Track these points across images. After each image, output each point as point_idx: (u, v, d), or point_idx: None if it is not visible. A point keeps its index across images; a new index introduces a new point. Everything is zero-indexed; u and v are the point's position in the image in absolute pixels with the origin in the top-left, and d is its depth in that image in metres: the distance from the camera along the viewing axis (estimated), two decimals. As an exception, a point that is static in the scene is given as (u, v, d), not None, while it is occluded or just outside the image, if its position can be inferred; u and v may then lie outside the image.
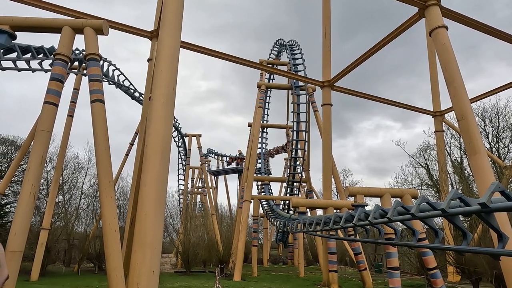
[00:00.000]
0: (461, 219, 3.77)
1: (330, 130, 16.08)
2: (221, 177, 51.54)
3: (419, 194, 12.78)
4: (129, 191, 32.50)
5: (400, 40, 12.43)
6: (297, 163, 24.83)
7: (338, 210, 12.84)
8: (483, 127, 25.05)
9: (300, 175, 24.63)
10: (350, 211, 8.04)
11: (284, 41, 28.66)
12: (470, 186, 18.19)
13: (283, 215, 19.07)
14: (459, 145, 24.06)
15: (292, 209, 21.59)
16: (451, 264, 14.99)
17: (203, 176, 40.13)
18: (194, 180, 42.68)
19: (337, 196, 29.11)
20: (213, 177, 49.36)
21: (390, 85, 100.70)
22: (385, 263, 15.18)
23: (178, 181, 40.17)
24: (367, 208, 7.44)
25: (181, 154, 40.06)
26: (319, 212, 19.09)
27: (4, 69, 9.98)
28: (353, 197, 11.24)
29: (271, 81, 30.71)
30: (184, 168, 39.31)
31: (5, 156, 34.09)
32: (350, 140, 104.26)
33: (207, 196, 38.31)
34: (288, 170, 26.33)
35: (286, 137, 32.68)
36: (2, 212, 26.87)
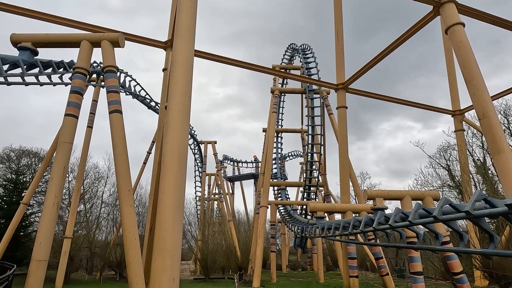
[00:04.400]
0: (486, 221, 3.64)
1: (346, 133, 15.88)
2: (237, 183, 51.68)
3: (441, 196, 12.42)
4: (147, 199, 33.04)
5: (419, 37, 12.22)
6: (313, 167, 24.60)
7: (357, 214, 12.61)
8: (506, 125, 24.16)
9: (316, 179, 24.38)
10: (370, 215, 7.88)
11: (296, 46, 28.66)
12: (495, 186, 17.52)
13: (301, 220, 18.89)
14: (481, 144, 23.27)
15: (309, 214, 21.37)
16: (478, 268, 14.43)
17: (219, 183, 40.33)
18: (211, 186, 42.96)
19: (355, 199, 28.61)
20: (229, 183, 49.58)
21: (411, 84, 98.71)
22: (408, 267, 14.78)
23: (195, 188, 40.50)
24: (387, 211, 7.28)
25: (197, 161, 40.43)
26: (337, 216, 18.82)
27: (27, 84, 10.39)
28: (372, 201, 11.04)
29: (284, 85, 30.71)
30: (200, 175, 39.62)
31: (29, 168, 35.33)
32: (369, 142, 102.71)
33: (224, 202, 38.46)
34: (304, 174, 26.11)
35: (302, 141, 32.50)
36: (27, 222, 27.74)
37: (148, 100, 25.76)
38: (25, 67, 9.75)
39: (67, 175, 24.23)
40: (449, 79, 19.99)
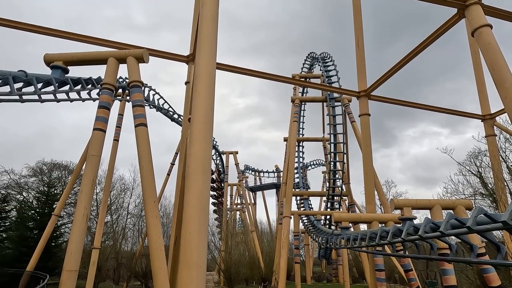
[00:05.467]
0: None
1: (369, 140, 15.55)
2: (259, 193, 51.56)
3: (474, 205, 11.83)
4: (171, 209, 33.53)
5: (444, 41, 11.85)
6: (337, 176, 24.19)
7: (383, 224, 12.21)
8: (541, 129, 22.83)
9: (340, 188, 23.92)
10: (397, 225, 7.62)
11: (316, 54, 28.63)
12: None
13: (325, 231, 18.52)
14: (515, 150, 22.08)
15: (334, 224, 20.92)
16: (517, 281, 13.55)
17: (241, 193, 40.40)
18: (233, 197, 43.10)
19: (380, 209, 27.76)
20: (251, 193, 49.53)
21: (436, 89, 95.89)
22: (440, 280, 14.05)
23: (217, 198, 40.75)
24: (415, 221, 7.02)
25: (219, 172, 40.77)
26: (363, 226, 18.29)
27: (59, 100, 10.92)
28: (398, 210, 10.67)
29: (305, 94, 30.63)
30: (223, 185, 39.86)
31: (60, 180, 36.89)
32: (394, 149, 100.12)
33: (246, 213, 38.41)
34: (327, 183, 25.68)
35: (324, 150, 32.11)
36: (58, 233, 28.77)
37: (171, 113, 26.39)
38: (57, 84, 10.27)
39: (95, 187, 25.07)
40: (477, 83, 19.23)
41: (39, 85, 9.68)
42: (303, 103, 28.73)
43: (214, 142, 38.52)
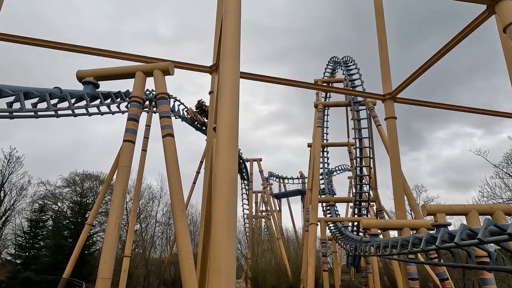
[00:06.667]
0: None
1: (397, 144, 15.11)
2: (284, 200, 51.18)
3: (513, 210, 11.15)
4: (198, 217, 33.97)
5: (474, 38, 11.35)
6: (363, 181, 23.63)
7: (415, 231, 11.75)
8: None
9: (367, 194, 23.33)
10: (431, 232, 7.34)
11: (338, 58, 28.35)
12: None
13: (353, 238, 18.07)
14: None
15: (362, 231, 20.38)
16: None
17: (266, 200, 40.29)
18: (258, 204, 43.05)
19: (411, 215, 26.77)
20: (276, 200, 49.27)
21: (468, 88, 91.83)
22: (479, 290, 13.33)
23: (243, 206, 40.89)
24: (450, 228, 6.72)
25: (244, 179, 40.93)
26: (392, 233, 17.70)
27: (91, 114, 11.46)
28: (430, 216, 10.24)
29: (328, 99, 30.32)
30: (247, 193, 39.97)
31: (91, 190, 38.42)
32: (423, 152, 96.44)
33: (272, 220, 38.20)
34: (354, 189, 25.11)
35: (349, 155, 31.53)
36: (90, 241, 29.86)
37: (196, 123, 26.94)
38: (88, 99, 10.80)
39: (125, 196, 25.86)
40: (511, 80, 18.29)
41: (73, 100, 10.21)
42: (327, 108, 28.42)
43: (238, 150, 38.83)
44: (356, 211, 23.74)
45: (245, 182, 40.76)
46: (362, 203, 23.38)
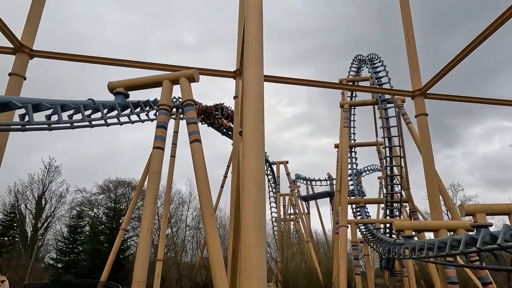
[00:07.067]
0: None
1: (429, 141, 14.51)
2: (312, 202, 50.53)
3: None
4: (227, 221, 34.30)
5: (509, 27, 10.66)
6: (394, 181, 22.86)
7: (453, 233, 11.19)
8: None
9: (399, 194, 22.54)
10: (470, 233, 6.97)
11: (362, 56, 27.75)
12: None
13: (386, 240, 17.51)
14: None
15: (394, 232, 19.69)
16: None
17: (294, 202, 39.96)
18: (285, 207, 42.77)
19: (447, 215, 25.56)
20: (304, 202, 48.75)
21: (506, 78, 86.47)
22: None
23: (270, 209, 40.80)
24: (491, 228, 6.36)
25: (271, 182, 40.87)
26: (428, 235, 16.95)
27: (122, 123, 11.91)
28: (468, 217, 9.71)
29: (353, 98, 29.71)
30: (275, 195, 39.86)
31: (124, 196, 39.86)
32: (458, 149, 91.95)
33: (301, 223, 37.82)
34: (385, 190, 24.34)
35: (378, 155, 30.66)
36: (125, 246, 30.95)
37: (222, 127, 27.27)
38: (119, 109, 11.25)
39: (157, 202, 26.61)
40: (554, 69, 17.05)
41: (105, 111, 10.67)
42: (353, 107, 27.85)
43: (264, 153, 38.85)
44: (388, 213, 23.00)
45: (272, 185, 40.68)
46: (394, 204, 22.61)
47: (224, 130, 27.66)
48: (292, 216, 42.81)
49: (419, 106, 14.61)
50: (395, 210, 22.70)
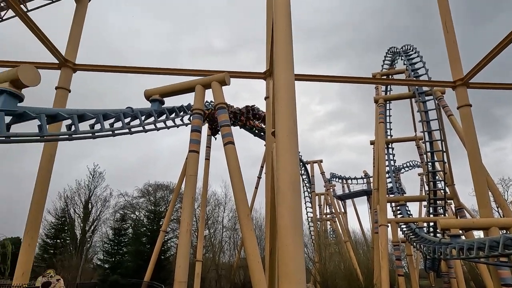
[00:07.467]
0: None
1: (474, 134, 13.64)
2: (348, 201, 49.30)
3: None
4: (262, 222, 34.42)
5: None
6: (437, 177, 21.68)
7: (505, 231, 10.41)
8: None
9: (443, 191, 21.34)
10: (526, 231, 6.45)
11: (397, 49, 26.65)
12: None
13: (431, 239, 16.67)
14: None
15: (440, 231, 18.67)
16: None
17: (329, 202, 39.23)
18: (321, 206, 42.10)
19: (498, 212, 23.82)
20: (340, 202, 47.70)
21: (558, 63, 79.03)
22: None
23: (306, 209, 40.35)
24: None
25: (305, 182, 40.42)
26: (476, 233, 15.87)
27: (159, 129, 12.38)
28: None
29: (388, 92, 28.59)
30: (310, 195, 39.37)
31: (163, 199, 41.29)
32: (508, 140, 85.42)
33: (337, 222, 37.04)
34: (427, 187, 23.15)
35: (417, 150, 29.27)
36: (165, 247, 32.06)
37: (254, 128, 27.43)
38: (156, 115, 11.70)
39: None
40: None
41: (143, 118, 11.15)
42: (388, 102, 26.81)
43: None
44: (431, 211, 21.85)
45: (307, 184, 40.21)
46: (438, 202, 21.43)
47: (256, 131, 27.77)
48: (328, 216, 42.01)
49: (462, 97, 13.79)
50: (439, 208, 21.51)
